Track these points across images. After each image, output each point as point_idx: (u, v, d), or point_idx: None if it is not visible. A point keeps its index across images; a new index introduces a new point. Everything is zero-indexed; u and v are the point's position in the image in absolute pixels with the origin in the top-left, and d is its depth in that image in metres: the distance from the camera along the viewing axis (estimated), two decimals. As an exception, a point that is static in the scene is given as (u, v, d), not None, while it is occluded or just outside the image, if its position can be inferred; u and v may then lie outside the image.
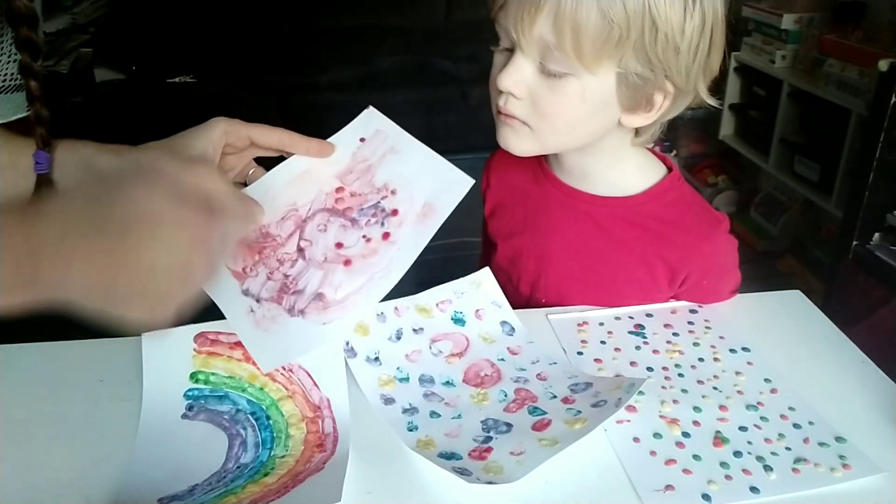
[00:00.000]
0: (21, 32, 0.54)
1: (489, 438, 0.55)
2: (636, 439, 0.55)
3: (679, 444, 0.54)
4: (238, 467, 0.54)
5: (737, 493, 0.51)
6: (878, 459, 0.53)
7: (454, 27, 3.22)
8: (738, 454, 0.54)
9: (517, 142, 0.68)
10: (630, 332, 0.68)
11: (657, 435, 0.55)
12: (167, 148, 0.57)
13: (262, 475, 0.53)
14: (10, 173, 0.60)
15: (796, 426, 0.57)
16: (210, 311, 0.62)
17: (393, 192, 0.62)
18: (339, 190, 0.62)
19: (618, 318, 0.70)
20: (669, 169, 0.76)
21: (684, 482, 0.51)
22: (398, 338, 0.64)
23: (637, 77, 0.62)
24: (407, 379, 0.61)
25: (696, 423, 0.57)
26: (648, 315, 0.71)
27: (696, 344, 0.67)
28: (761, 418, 0.58)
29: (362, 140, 0.64)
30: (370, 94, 2.87)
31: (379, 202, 0.61)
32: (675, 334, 0.68)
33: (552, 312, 0.71)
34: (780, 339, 0.69)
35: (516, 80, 0.63)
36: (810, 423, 0.57)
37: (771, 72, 2.34)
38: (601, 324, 0.69)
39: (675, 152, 3.02)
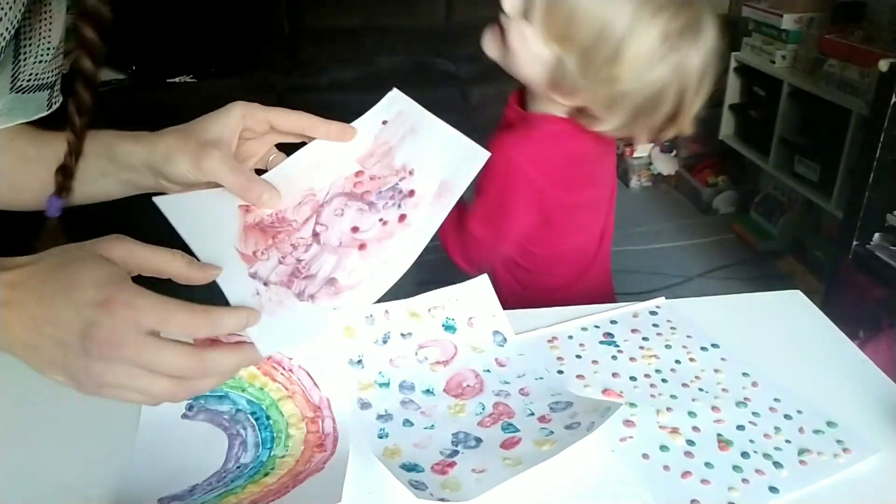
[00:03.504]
0: (84, 67, 0.56)
1: (455, 452, 0.54)
2: (645, 456, 0.54)
3: (688, 454, 0.54)
4: (238, 467, 0.54)
5: (758, 495, 0.51)
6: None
7: (454, 27, 3.22)
8: (745, 455, 0.54)
9: (491, 45, 0.79)
10: (601, 343, 0.68)
11: (664, 448, 0.55)
12: (184, 133, 0.57)
13: (262, 475, 0.53)
14: (36, 166, 0.61)
15: (787, 416, 0.58)
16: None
17: (411, 173, 0.60)
18: (358, 174, 0.61)
19: (584, 329, 0.70)
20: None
21: (706, 493, 0.51)
22: (384, 342, 0.63)
23: (569, 73, 0.73)
24: (387, 384, 0.61)
25: (695, 428, 0.57)
26: (613, 322, 0.71)
27: (667, 346, 0.67)
28: (753, 414, 0.58)
29: (384, 122, 0.63)
30: (370, 94, 2.87)
31: (397, 184, 0.60)
32: (644, 339, 0.69)
33: (519, 332, 0.68)
34: (781, 338, 0.69)
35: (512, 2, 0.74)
36: (799, 411, 0.58)
37: (771, 72, 2.34)
38: (570, 337, 0.69)
39: (674, 152, 3.02)
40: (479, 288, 0.68)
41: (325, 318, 0.55)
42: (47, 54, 0.58)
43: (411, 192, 0.59)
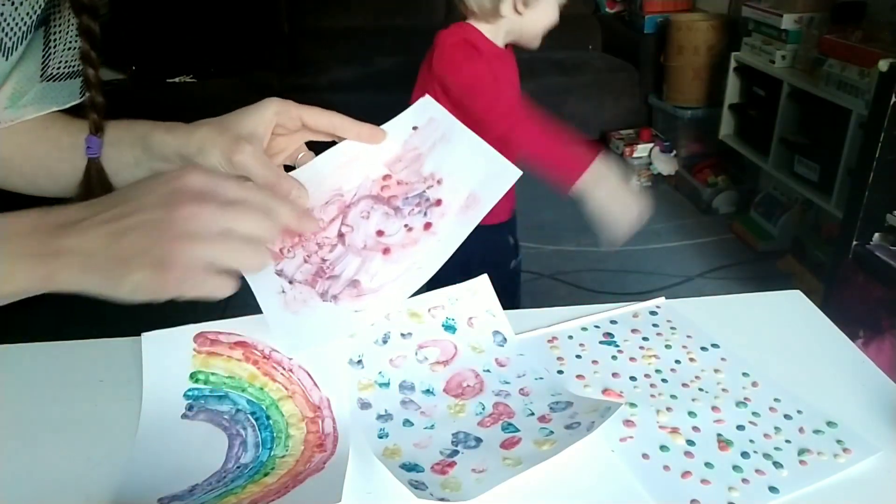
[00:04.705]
0: (83, 21, 0.55)
1: (455, 452, 0.54)
2: (645, 455, 0.54)
3: (688, 454, 0.54)
4: (238, 467, 0.54)
5: (758, 495, 0.50)
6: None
7: (454, 27, 3.22)
8: (745, 455, 0.54)
9: None
10: (601, 343, 0.68)
11: (664, 448, 0.55)
12: (218, 126, 0.57)
13: (262, 475, 0.53)
14: (70, 154, 0.61)
15: (787, 416, 0.58)
16: (210, 311, 0.62)
17: (439, 182, 0.60)
18: (385, 177, 0.61)
19: (584, 329, 0.70)
20: None
21: (706, 493, 0.51)
22: (384, 342, 0.63)
23: None
24: (387, 384, 0.61)
25: (695, 428, 0.57)
26: (613, 322, 0.71)
27: (667, 346, 0.67)
28: (753, 414, 0.58)
29: (415, 128, 0.63)
30: (370, 94, 2.88)
31: (424, 191, 0.60)
32: (644, 339, 0.69)
33: (519, 332, 0.69)
34: (780, 339, 0.69)
35: None
36: (799, 411, 0.58)
37: (771, 72, 2.34)
38: (570, 337, 0.69)
39: (674, 152, 3.02)
40: (479, 288, 0.68)
41: (346, 321, 0.55)
42: (76, 41, 0.59)
43: (438, 202, 0.59)
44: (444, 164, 0.60)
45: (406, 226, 0.59)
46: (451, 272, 0.61)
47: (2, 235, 0.44)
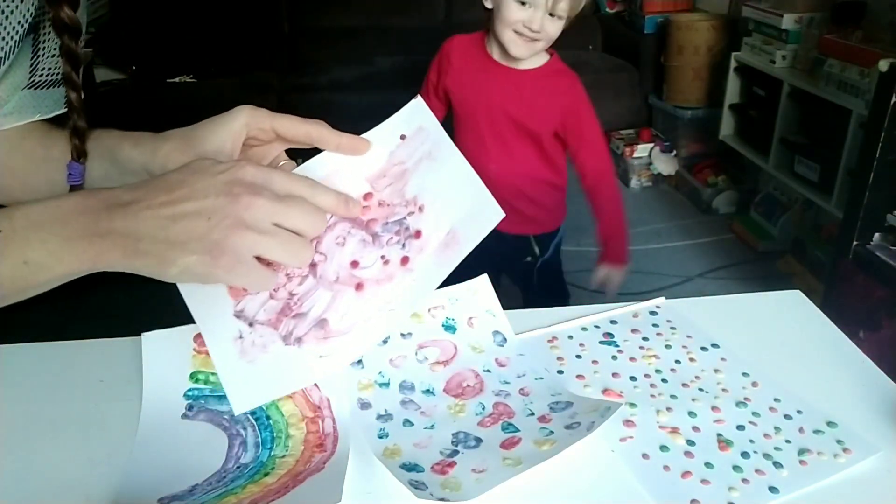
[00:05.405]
0: (64, 42, 0.54)
1: (455, 452, 0.54)
2: (645, 456, 0.54)
3: (688, 454, 0.54)
4: (238, 467, 0.54)
5: (758, 495, 0.51)
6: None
7: (454, 27, 3.22)
8: (745, 455, 0.54)
9: (526, 48, 1.34)
10: (601, 343, 0.68)
11: (664, 448, 0.55)
12: (185, 140, 0.56)
13: (262, 475, 0.53)
14: (44, 167, 0.60)
15: (787, 416, 0.58)
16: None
17: (420, 209, 0.57)
18: (367, 196, 0.57)
19: (584, 329, 0.70)
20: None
21: (706, 493, 0.51)
22: (384, 342, 0.63)
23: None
24: (387, 384, 0.61)
25: (695, 428, 0.57)
26: (613, 322, 0.71)
27: (667, 346, 0.67)
28: (753, 414, 0.58)
29: (403, 137, 0.58)
30: (370, 94, 2.88)
31: (405, 218, 0.57)
32: (644, 339, 0.69)
33: (519, 332, 0.69)
34: (780, 338, 0.69)
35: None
36: (799, 411, 0.59)
37: (771, 72, 2.34)
38: (570, 337, 0.69)
39: (675, 152, 3.02)
40: (479, 288, 0.68)
41: (308, 368, 0.54)
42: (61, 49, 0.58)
43: (418, 234, 0.57)
44: (428, 189, 0.57)
45: (382, 257, 0.56)
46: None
47: (51, 218, 0.45)
